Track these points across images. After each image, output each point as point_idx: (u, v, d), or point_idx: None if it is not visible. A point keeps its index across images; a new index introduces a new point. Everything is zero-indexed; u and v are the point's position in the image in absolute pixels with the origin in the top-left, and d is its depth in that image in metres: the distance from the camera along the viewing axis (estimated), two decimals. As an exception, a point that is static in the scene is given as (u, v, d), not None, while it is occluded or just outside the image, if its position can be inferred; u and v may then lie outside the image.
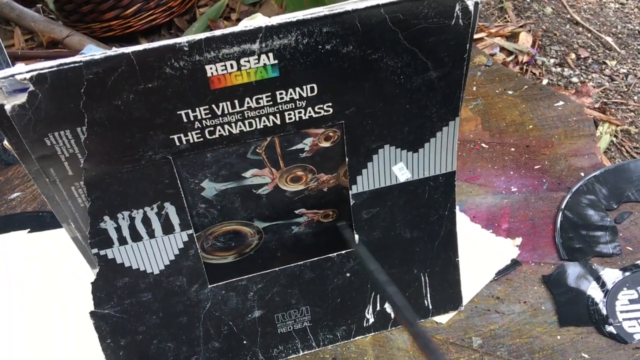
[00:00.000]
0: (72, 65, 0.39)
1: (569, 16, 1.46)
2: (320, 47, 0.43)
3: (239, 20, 1.47)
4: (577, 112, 0.84)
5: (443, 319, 0.60)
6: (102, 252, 0.49)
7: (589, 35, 1.40)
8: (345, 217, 0.55)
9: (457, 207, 0.70)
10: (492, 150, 0.80)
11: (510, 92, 0.89)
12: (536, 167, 0.77)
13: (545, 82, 1.26)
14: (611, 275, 0.61)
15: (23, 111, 0.40)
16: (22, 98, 0.40)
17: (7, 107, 0.40)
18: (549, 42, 1.37)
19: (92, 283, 0.51)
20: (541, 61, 1.31)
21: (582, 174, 0.74)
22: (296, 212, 0.55)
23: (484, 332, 0.58)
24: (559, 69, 1.29)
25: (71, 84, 0.40)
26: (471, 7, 0.44)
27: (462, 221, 0.69)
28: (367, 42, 0.44)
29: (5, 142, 0.89)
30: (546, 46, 1.37)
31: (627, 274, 0.61)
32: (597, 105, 1.16)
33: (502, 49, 1.36)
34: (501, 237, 0.67)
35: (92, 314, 0.52)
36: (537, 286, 0.62)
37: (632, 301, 0.59)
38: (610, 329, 0.57)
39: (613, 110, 1.16)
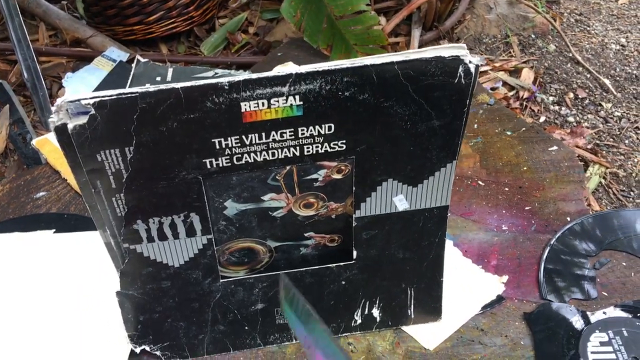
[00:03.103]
0: (129, 95, 0.46)
1: (570, 55, 1.52)
2: (340, 93, 0.49)
3: (256, 34, 1.54)
4: (569, 157, 0.90)
5: (431, 345, 0.66)
6: (132, 247, 0.56)
7: (588, 75, 1.47)
8: (349, 242, 0.62)
9: (451, 241, 0.76)
10: (488, 188, 0.86)
11: (508, 133, 0.96)
12: (527, 208, 0.83)
13: (542, 119, 1.32)
14: (585, 317, 0.68)
15: (82, 130, 0.47)
16: (83, 119, 0.46)
17: (70, 126, 0.46)
18: (550, 80, 1.44)
19: (120, 269, 0.58)
20: (540, 98, 1.38)
21: (568, 219, 0.81)
22: (305, 235, 0.61)
23: (466, 360, 0.65)
24: (557, 107, 1.36)
25: (126, 110, 0.46)
26: (472, 69, 0.50)
27: (455, 255, 0.75)
28: (381, 91, 0.50)
29: (34, 142, 0.94)
30: (547, 84, 1.43)
31: (601, 317, 0.68)
32: (589, 146, 1.22)
33: (505, 83, 1.43)
34: (489, 273, 0.73)
35: (117, 293, 0.60)
36: (518, 322, 0.68)
37: (602, 343, 0.65)
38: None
39: (604, 152, 1.22)
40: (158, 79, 1.19)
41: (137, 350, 0.64)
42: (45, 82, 1.21)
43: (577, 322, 0.67)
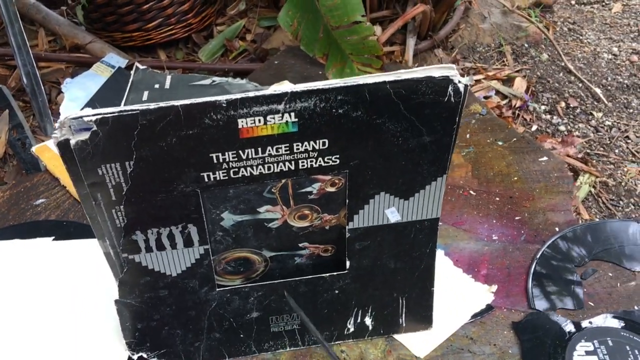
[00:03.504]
0: (130, 112, 0.47)
1: (563, 64, 1.55)
2: (334, 110, 0.51)
3: (253, 41, 1.56)
4: (558, 168, 0.92)
5: (421, 353, 0.68)
6: (130, 257, 0.58)
7: (580, 85, 1.49)
8: (342, 252, 0.63)
9: (442, 251, 0.78)
10: (479, 198, 0.88)
11: (500, 143, 0.98)
12: (517, 218, 0.85)
13: (534, 127, 1.35)
14: (572, 327, 0.69)
15: (84, 146, 0.48)
16: (85, 135, 0.48)
17: (72, 142, 0.48)
18: (542, 89, 1.46)
19: (119, 278, 0.60)
20: (533, 107, 1.40)
21: (557, 229, 0.83)
22: (300, 245, 0.63)
23: (455, 368, 0.66)
24: (548, 116, 1.38)
25: (127, 127, 0.48)
26: (462, 89, 0.52)
27: (446, 264, 0.77)
28: (373, 109, 0.52)
29: (33, 149, 0.96)
30: (539, 92, 1.46)
31: (586, 327, 0.69)
32: (580, 156, 1.25)
33: (498, 92, 1.45)
34: (479, 283, 0.75)
35: (116, 301, 0.61)
36: (506, 331, 0.70)
37: (588, 352, 0.67)
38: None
39: (594, 161, 1.24)
40: (156, 86, 1.20)
41: (135, 357, 0.65)
42: (44, 87, 1.23)
43: (564, 332, 0.69)
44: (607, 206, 1.13)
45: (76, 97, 1.29)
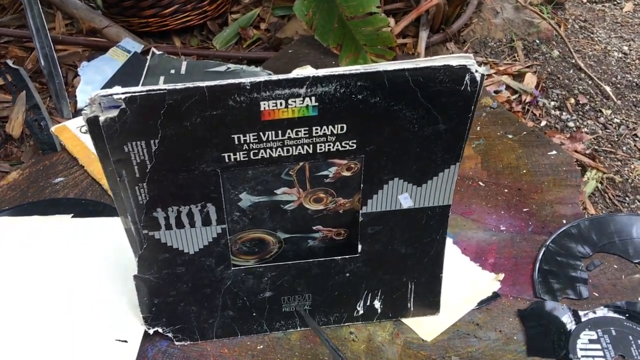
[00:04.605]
0: (158, 91, 0.49)
1: (573, 61, 1.56)
2: (353, 96, 0.53)
3: (267, 30, 1.57)
4: (567, 162, 0.94)
5: (428, 337, 0.70)
6: (150, 234, 0.60)
7: (590, 82, 1.50)
8: (354, 236, 0.65)
9: (451, 239, 0.80)
10: (488, 189, 0.90)
11: (510, 136, 0.99)
12: (525, 209, 0.86)
13: (543, 123, 1.36)
14: (577, 316, 0.71)
15: (112, 123, 0.50)
16: (114, 113, 0.50)
17: (101, 119, 0.50)
18: (552, 85, 1.48)
19: (139, 254, 0.62)
20: (542, 103, 1.41)
21: (564, 222, 0.84)
22: (314, 227, 0.65)
23: (462, 353, 0.68)
24: (557, 112, 1.39)
25: (154, 105, 0.50)
26: (478, 78, 0.54)
27: (454, 252, 0.79)
28: (392, 95, 0.54)
29: (53, 129, 0.98)
30: (549, 89, 1.47)
31: (591, 317, 0.71)
32: (587, 152, 1.26)
33: (508, 86, 1.46)
34: (486, 271, 0.77)
35: (135, 277, 0.64)
36: (512, 318, 0.72)
37: (591, 341, 0.69)
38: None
39: (602, 157, 1.26)
40: (172, 71, 1.22)
41: (151, 331, 0.68)
42: (61, 70, 1.25)
43: (568, 321, 0.71)
44: (614, 202, 1.15)
45: (92, 80, 1.30)
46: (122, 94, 0.49)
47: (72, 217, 0.81)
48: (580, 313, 0.72)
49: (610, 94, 1.44)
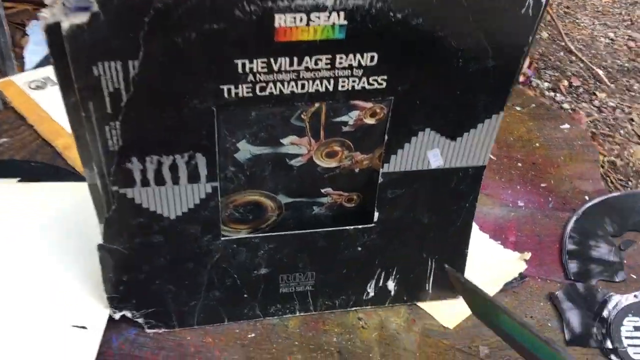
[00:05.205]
0: (142, -10, 0.37)
1: (563, 44, 1.49)
2: (391, 13, 0.42)
3: None
4: (582, 136, 0.85)
5: (450, 324, 0.59)
6: (121, 191, 0.47)
7: (582, 65, 1.43)
8: (369, 202, 0.54)
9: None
10: (500, 163, 0.80)
11: (517, 108, 0.90)
12: (542, 184, 0.77)
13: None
14: (616, 300, 0.62)
15: (80, 32, 0.37)
16: (82, 18, 0.37)
17: (64, 26, 0.37)
18: (544, 66, 1.40)
19: (105, 217, 0.48)
20: (536, 83, 1.33)
21: (587, 198, 0.75)
22: (322, 191, 0.53)
23: (490, 342, 0.57)
24: (552, 94, 1.31)
25: (138, 10, 0.37)
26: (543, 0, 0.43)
27: (473, 229, 0.69)
28: (438, 17, 0.43)
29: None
30: (541, 69, 1.39)
31: (632, 300, 0.62)
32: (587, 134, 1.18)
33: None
34: (509, 250, 0.67)
35: (99, 247, 0.50)
36: (542, 302, 0.62)
37: (636, 328, 0.59)
38: (615, 354, 0.57)
39: (601, 140, 1.18)
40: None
41: (116, 316, 0.55)
42: (7, 28, 1.10)
43: (607, 305, 0.61)
44: (616, 186, 1.07)
45: (42, 41, 1.15)
46: (95, -11, 0.36)
47: (19, 181, 0.67)
48: (620, 297, 0.62)
49: (603, 78, 1.38)
